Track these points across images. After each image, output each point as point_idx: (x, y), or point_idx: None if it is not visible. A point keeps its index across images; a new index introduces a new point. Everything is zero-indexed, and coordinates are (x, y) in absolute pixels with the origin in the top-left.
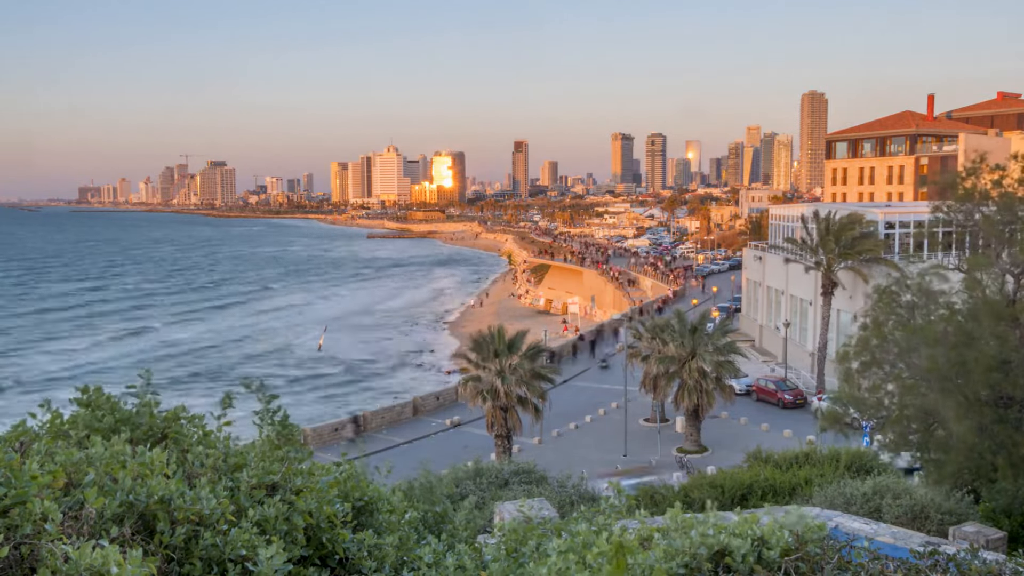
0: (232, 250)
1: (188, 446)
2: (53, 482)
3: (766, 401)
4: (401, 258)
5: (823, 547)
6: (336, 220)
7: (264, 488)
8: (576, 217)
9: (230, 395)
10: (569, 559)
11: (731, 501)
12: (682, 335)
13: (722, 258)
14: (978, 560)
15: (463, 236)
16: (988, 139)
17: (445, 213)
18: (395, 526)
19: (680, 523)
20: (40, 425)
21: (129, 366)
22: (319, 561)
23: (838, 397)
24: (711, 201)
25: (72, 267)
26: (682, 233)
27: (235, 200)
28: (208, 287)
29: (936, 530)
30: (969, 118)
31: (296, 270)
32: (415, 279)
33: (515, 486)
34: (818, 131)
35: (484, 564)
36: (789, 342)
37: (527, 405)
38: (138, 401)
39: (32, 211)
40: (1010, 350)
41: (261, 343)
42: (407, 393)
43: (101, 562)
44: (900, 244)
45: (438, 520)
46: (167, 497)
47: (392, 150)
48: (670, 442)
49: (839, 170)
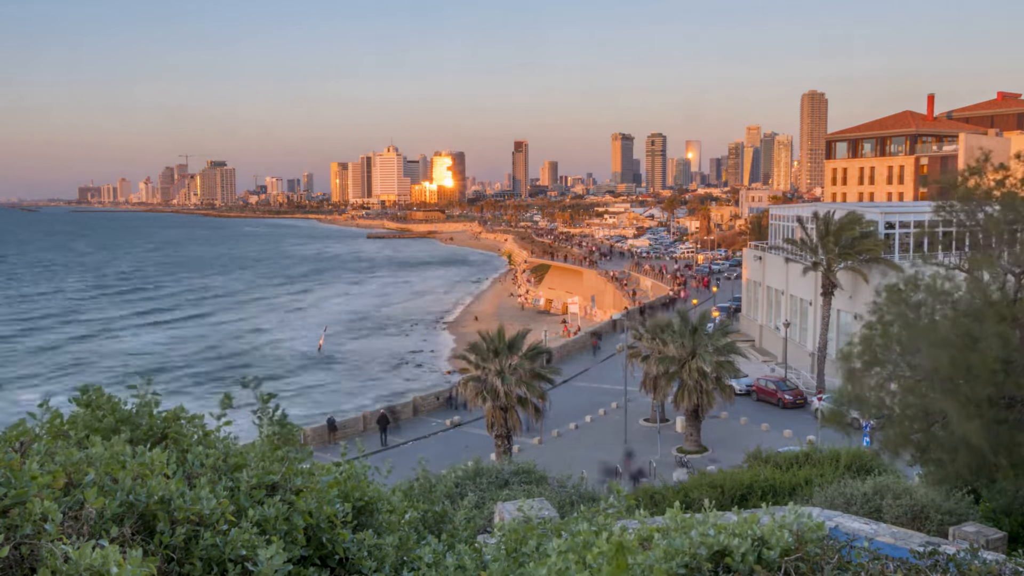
0: (230, 250)
1: (188, 446)
2: (53, 482)
3: (766, 401)
4: (401, 258)
5: (823, 547)
6: (336, 220)
7: (264, 488)
8: (576, 217)
9: (230, 395)
10: (569, 559)
11: (731, 501)
12: (682, 335)
13: (722, 258)
14: (978, 560)
15: (463, 236)
16: (988, 139)
17: (445, 213)
18: (395, 526)
19: (680, 523)
20: (40, 425)
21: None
22: (319, 561)
23: (840, 396)
24: (711, 201)
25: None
26: (682, 233)
27: (235, 200)
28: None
29: (936, 530)
30: (969, 118)
31: (311, 270)
32: (415, 279)
33: (515, 486)
34: (818, 131)
35: (484, 564)
36: (789, 342)
37: (527, 405)
38: (138, 401)
39: (32, 211)
40: (1012, 350)
41: (261, 343)
42: (407, 393)
43: (101, 562)
44: (900, 244)
45: (438, 520)
46: (167, 497)
47: (392, 150)
48: (670, 442)
49: (839, 170)
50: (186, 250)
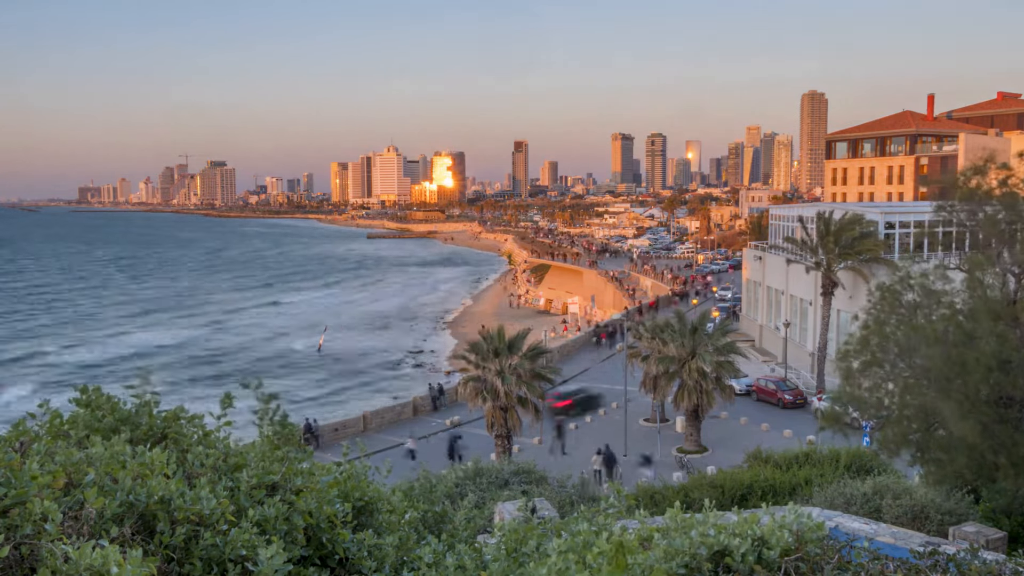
0: (238, 251)
1: (188, 446)
2: (53, 482)
3: (766, 401)
4: (401, 258)
5: (823, 547)
6: (336, 220)
7: (264, 488)
8: (576, 217)
9: (230, 395)
10: (569, 559)
11: (731, 501)
12: (682, 335)
13: (722, 258)
14: (978, 560)
15: (463, 236)
16: (988, 139)
17: (445, 213)
18: (395, 526)
19: (680, 523)
20: (40, 425)
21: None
22: (319, 561)
23: (838, 396)
24: (711, 201)
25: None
26: (682, 233)
27: (235, 200)
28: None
29: (936, 530)
30: (969, 118)
31: (304, 271)
32: (415, 279)
33: (515, 486)
34: (818, 131)
35: (484, 564)
36: (789, 342)
37: (527, 405)
38: (137, 401)
39: (32, 211)
40: (1011, 350)
41: (261, 343)
42: (407, 393)
43: (101, 562)
44: (900, 244)
45: (438, 520)
46: (167, 497)
47: (392, 150)
48: (670, 442)
49: (839, 170)
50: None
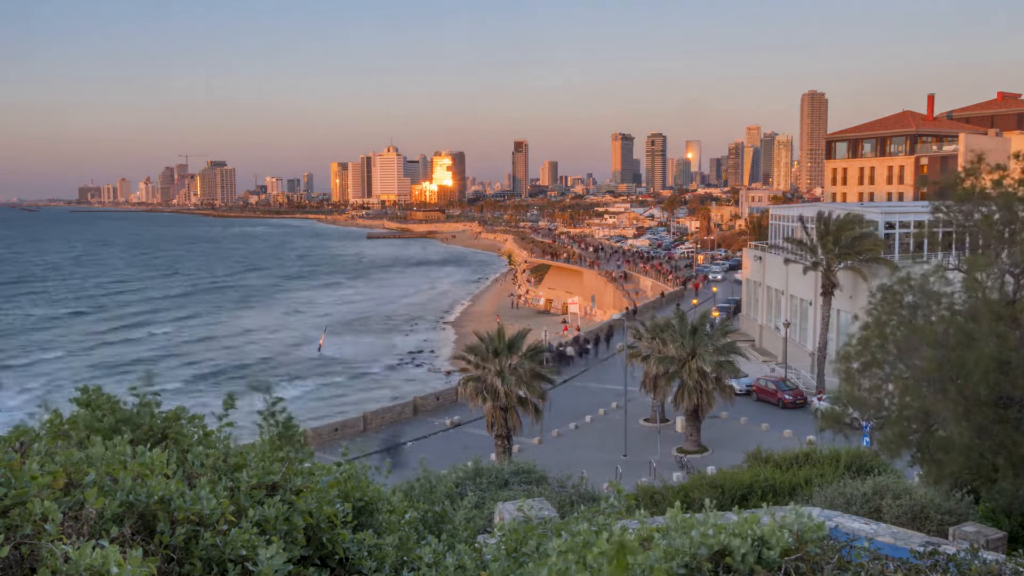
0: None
1: (188, 446)
2: (53, 482)
3: (766, 401)
4: (401, 258)
5: (823, 547)
6: (336, 220)
7: (264, 488)
8: (576, 217)
9: (232, 395)
10: (569, 559)
11: (731, 501)
12: (682, 335)
13: (722, 258)
14: (978, 560)
15: (463, 236)
16: (988, 139)
17: (445, 213)
18: (395, 526)
19: (680, 523)
20: (40, 425)
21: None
22: (319, 561)
23: (838, 397)
24: (711, 201)
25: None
26: (682, 233)
27: (235, 200)
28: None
29: (936, 530)
30: (969, 118)
31: (303, 270)
32: (415, 279)
33: (515, 486)
34: (818, 131)
35: (484, 564)
36: (789, 342)
37: (527, 405)
38: (138, 401)
39: (32, 211)
40: (1010, 350)
41: (261, 343)
42: (407, 393)
43: (101, 562)
44: (900, 244)
45: (438, 520)
46: (167, 497)
47: (392, 150)
48: (670, 442)
49: (839, 170)
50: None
